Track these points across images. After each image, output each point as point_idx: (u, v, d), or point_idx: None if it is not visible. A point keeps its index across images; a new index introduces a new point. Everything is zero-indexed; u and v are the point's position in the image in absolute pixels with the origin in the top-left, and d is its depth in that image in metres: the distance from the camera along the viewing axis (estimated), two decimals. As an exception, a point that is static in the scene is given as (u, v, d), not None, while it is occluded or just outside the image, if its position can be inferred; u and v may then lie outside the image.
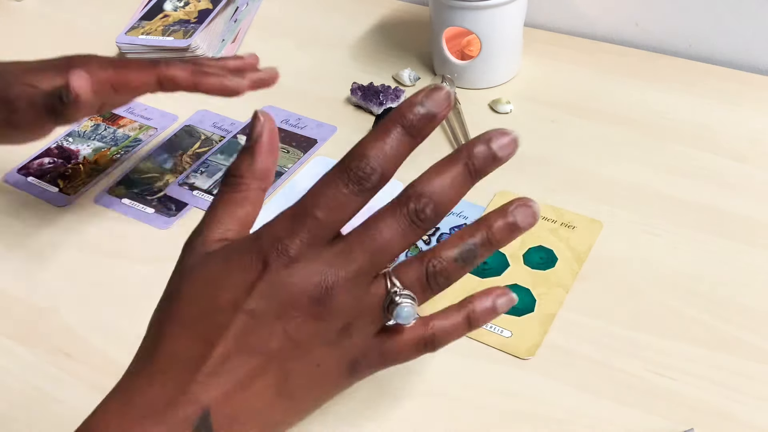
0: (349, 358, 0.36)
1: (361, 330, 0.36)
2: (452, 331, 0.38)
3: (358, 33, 0.83)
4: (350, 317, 0.35)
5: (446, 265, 0.36)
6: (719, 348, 0.49)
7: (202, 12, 0.82)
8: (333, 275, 0.34)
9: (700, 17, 0.73)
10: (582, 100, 0.71)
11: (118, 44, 0.80)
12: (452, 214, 0.60)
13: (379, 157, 0.34)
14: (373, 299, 0.35)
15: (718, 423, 0.45)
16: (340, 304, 0.34)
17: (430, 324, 0.38)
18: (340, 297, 0.34)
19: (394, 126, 0.34)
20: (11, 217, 0.65)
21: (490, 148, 0.34)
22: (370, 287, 0.35)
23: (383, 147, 0.34)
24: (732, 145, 0.64)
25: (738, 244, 0.56)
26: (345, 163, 0.35)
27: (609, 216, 0.59)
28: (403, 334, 0.37)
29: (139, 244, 0.61)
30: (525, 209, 0.36)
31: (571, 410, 0.47)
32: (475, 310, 0.38)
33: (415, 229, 0.35)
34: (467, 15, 0.68)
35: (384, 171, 0.35)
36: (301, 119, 0.72)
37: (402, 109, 0.34)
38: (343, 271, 0.34)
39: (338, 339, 0.35)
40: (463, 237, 0.36)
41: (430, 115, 0.34)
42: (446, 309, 0.39)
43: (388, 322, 0.37)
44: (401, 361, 0.38)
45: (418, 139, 0.35)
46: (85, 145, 0.72)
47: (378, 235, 0.35)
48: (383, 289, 0.35)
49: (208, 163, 0.68)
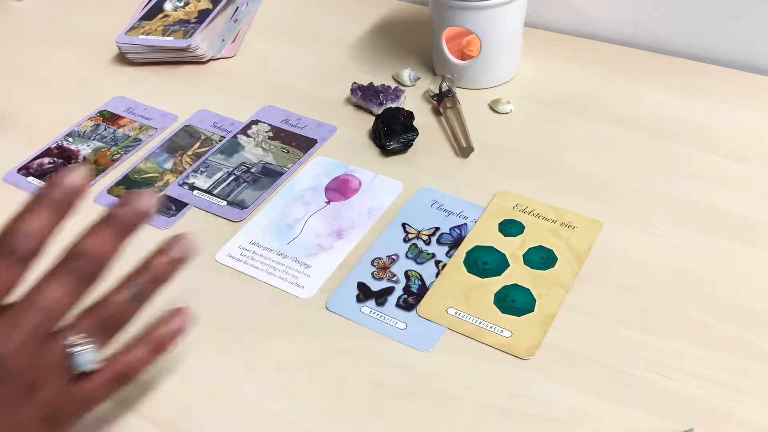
0: (43, 413, 0.39)
1: (49, 385, 0.39)
2: (142, 362, 0.43)
3: (358, 33, 0.83)
4: (32, 377, 0.38)
5: (120, 308, 0.41)
6: (719, 348, 0.49)
7: (202, 12, 0.83)
8: (1, 344, 0.37)
9: (700, 17, 0.73)
10: (582, 100, 0.71)
11: (118, 44, 0.80)
12: (452, 214, 0.60)
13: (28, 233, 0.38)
14: (52, 356, 0.39)
15: (718, 423, 0.46)
16: (16, 368, 0.37)
17: (118, 361, 0.42)
18: (14, 362, 0.37)
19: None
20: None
21: (130, 207, 0.41)
22: (45, 346, 0.39)
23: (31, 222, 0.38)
24: (732, 145, 0.64)
25: (738, 244, 0.56)
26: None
27: (609, 216, 0.59)
28: (94, 377, 0.41)
29: (139, 244, 0.61)
30: (182, 243, 0.43)
31: (571, 410, 0.47)
32: (159, 337, 0.43)
33: (82, 284, 0.39)
34: (467, 15, 0.68)
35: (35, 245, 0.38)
36: (301, 119, 0.72)
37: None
38: (10, 338, 0.37)
39: (25, 399, 0.38)
40: (131, 279, 0.42)
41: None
42: (130, 344, 0.43)
43: (78, 371, 0.40)
44: (101, 400, 0.42)
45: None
46: (85, 145, 0.72)
47: (45, 297, 0.38)
48: (60, 344, 0.39)
49: (208, 163, 0.68)
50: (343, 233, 0.60)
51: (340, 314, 0.54)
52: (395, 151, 0.66)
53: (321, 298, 0.55)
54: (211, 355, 0.52)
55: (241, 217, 0.62)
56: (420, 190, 0.63)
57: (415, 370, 0.50)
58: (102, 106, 0.76)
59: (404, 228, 0.60)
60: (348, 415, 0.48)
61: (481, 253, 0.57)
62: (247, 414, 0.48)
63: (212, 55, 0.81)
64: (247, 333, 0.53)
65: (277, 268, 0.58)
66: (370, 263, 0.57)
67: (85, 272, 0.39)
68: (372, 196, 0.63)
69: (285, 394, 0.49)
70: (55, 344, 0.39)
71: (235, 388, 0.50)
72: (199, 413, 0.49)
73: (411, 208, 0.61)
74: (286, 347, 0.52)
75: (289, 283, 0.56)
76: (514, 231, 0.58)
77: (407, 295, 0.55)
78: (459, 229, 0.59)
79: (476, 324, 0.52)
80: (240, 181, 0.66)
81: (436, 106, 0.71)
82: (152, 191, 0.43)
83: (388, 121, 0.66)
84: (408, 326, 0.52)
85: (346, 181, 0.65)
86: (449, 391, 0.49)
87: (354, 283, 0.56)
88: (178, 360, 0.52)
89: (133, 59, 0.81)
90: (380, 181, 0.64)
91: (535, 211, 0.59)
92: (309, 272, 0.57)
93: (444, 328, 0.52)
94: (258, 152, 0.68)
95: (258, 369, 0.51)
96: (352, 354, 0.51)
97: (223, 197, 0.64)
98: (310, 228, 0.61)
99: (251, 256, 0.59)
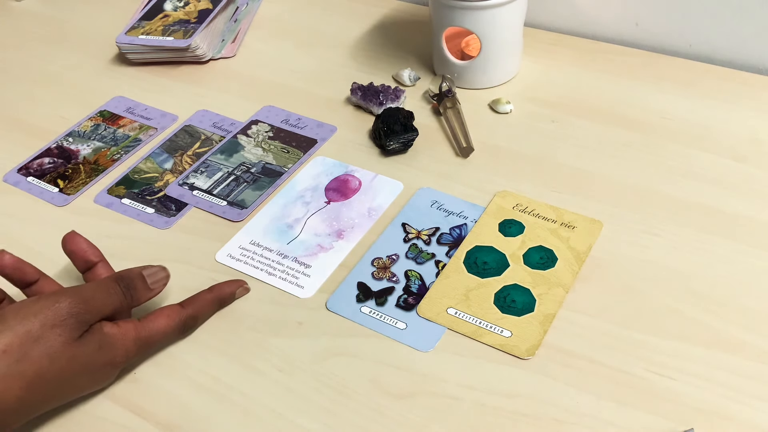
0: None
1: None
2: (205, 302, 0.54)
3: (358, 33, 0.83)
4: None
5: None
6: (719, 348, 0.49)
7: (202, 12, 0.83)
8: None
9: (700, 17, 0.73)
10: (582, 100, 0.71)
11: (118, 44, 0.80)
12: (452, 214, 0.60)
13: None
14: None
15: (718, 423, 0.46)
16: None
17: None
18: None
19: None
20: (11, 217, 0.65)
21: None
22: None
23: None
24: (732, 145, 0.64)
25: (738, 244, 0.56)
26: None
27: (609, 216, 0.59)
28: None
29: (139, 244, 0.61)
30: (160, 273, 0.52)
31: (571, 410, 0.47)
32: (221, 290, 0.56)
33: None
34: (467, 15, 0.68)
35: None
36: (301, 119, 0.72)
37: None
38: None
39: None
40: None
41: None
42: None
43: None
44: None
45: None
46: (85, 145, 0.72)
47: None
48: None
49: (208, 163, 0.68)
50: (343, 233, 0.60)
51: (340, 314, 0.54)
52: (395, 151, 0.66)
53: (321, 298, 0.55)
54: (211, 355, 0.52)
55: (241, 217, 0.62)
56: (420, 190, 0.63)
57: (415, 370, 0.50)
58: (102, 106, 0.76)
59: (404, 228, 0.60)
60: (348, 415, 0.48)
61: (481, 253, 0.57)
62: (247, 414, 0.48)
63: (212, 55, 0.81)
64: (247, 333, 0.53)
65: (277, 268, 0.58)
66: (370, 263, 0.57)
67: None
68: (372, 196, 0.63)
69: (285, 394, 0.49)
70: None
71: (235, 388, 0.50)
72: (199, 413, 0.49)
73: (411, 208, 0.61)
74: (286, 347, 0.52)
75: (289, 283, 0.56)
76: (514, 231, 0.58)
77: (407, 295, 0.55)
78: (459, 229, 0.59)
79: (476, 324, 0.52)
80: (240, 181, 0.66)
81: (436, 106, 0.71)
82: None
83: (388, 121, 0.66)
84: (408, 326, 0.52)
85: (346, 181, 0.65)
86: (449, 391, 0.49)
87: (354, 283, 0.56)
88: (179, 360, 0.52)
89: (133, 59, 0.81)
90: (380, 181, 0.64)
91: (535, 211, 0.59)
92: (309, 272, 0.57)
93: (444, 328, 0.52)
94: (258, 152, 0.68)
95: (258, 369, 0.51)
96: (352, 354, 0.51)
97: (223, 197, 0.64)
98: (310, 228, 0.61)
99: (251, 256, 0.59)
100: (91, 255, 0.53)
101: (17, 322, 0.44)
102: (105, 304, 0.48)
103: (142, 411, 0.49)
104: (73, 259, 0.53)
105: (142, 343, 0.49)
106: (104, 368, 0.48)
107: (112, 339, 0.47)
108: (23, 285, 0.52)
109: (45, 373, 0.44)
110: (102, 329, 0.47)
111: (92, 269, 0.53)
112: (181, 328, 0.52)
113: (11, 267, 0.51)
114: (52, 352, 0.44)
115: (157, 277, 0.51)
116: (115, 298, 0.49)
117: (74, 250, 0.53)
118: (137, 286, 0.50)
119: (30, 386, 0.44)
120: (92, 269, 0.53)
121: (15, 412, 0.44)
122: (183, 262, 0.58)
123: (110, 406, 0.49)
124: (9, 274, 0.51)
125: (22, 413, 0.45)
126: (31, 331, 0.44)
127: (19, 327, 0.44)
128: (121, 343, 0.48)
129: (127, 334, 0.48)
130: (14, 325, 0.44)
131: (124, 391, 0.50)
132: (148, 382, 0.51)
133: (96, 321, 0.47)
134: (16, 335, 0.44)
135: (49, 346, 0.44)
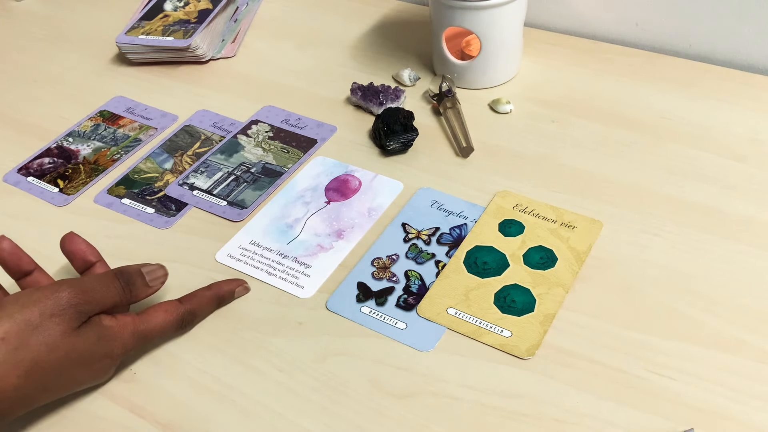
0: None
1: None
2: (204, 300, 0.55)
3: (358, 33, 0.83)
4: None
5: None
6: (719, 348, 0.49)
7: (202, 12, 0.83)
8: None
9: (700, 17, 0.73)
10: (582, 100, 0.71)
11: (118, 44, 0.80)
12: (452, 214, 0.60)
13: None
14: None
15: (718, 423, 0.46)
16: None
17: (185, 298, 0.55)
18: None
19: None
20: (11, 217, 0.65)
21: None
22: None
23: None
24: (732, 145, 0.64)
25: (738, 244, 0.56)
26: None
27: (609, 216, 0.59)
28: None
29: (139, 244, 0.61)
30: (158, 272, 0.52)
31: (571, 410, 0.47)
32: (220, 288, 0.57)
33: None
34: (467, 15, 0.68)
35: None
36: (301, 119, 0.72)
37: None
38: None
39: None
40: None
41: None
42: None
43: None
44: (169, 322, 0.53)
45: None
46: (85, 145, 0.72)
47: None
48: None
49: (208, 163, 0.68)
50: (343, 233, 0.60)
51: (340, 314, 0.54)
52: (395, 151, 0.66)
53: (321, 298, 0.55)
54: (211, 355, 0.52)
55: (241, 217, 0.62)
56: (420, 190, 0.63)
57: (415, 370, 0.50)
58: (102, 106, 0.76)
59: (404, 228, 0.60)
60: (348, 415, 0.48)
61: (481, 253, 0.57)
62: (247, 414, 0.48)
63: (212, 55, 0.81)
64: (247, 333, 0.53)
65: (277, 268, 0.58)
66: (370, 263, 0.57)
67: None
68: (372, 196, 0.63)
69: (285, 394, 0.49)
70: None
71: (235, 387, 0.50)
72: (199, 413, 0.49)
73: (411, 208, 0.61)
74: (286, 347, 0.52)
75: (289, 283, 0.56)
76: (514, 231, 0.58)
77: (407, 295, 0.55)
78: (459, 229, 0.59)
79: (476, 324, 0.52)
80: (240, 181, 0.66)
81: (436, 106, 0.71)
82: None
83: (388, 121, 0.66)
84: (408, 326, 0.52)
85: (346, 181, 0.65)
86: (449, 391, 0.49)
87: (354, 283, 0.56)
88: (178, 359, 0.52)
89: (133, 59, 0.81)
90: (380, 181, 0.64)
91: (535, 211, 0.59)
92: (309, 272, 0.57)
93: (444, 328, 0.52)
94: (258, 152, 0.68)
95: (258, 369, 0.51)
96: (352, 354, 0.51)
97: (223, 197, 0.64)
98: (310, 228, 0.61)
99: (251, 256, 0.59)
100: (89, 255, 0.53)
101: (16, 311, 0.44)
102: (104, 297, 0.48)
103: (141, 410, 0.49)
104: (72, 259, 0.53)
105: (140, 336, 0.49)
106: (102, 360, 0.48)
107: (111, 331, 0.47)
108: (19, 274, 0.52)
109: (42, 361, 0.44)
110: (101, 321, 0.47)
111: (90, 269, 0.53)
112: (179, 323, 0.52)
113: (9, 252, 0.51)
114: (50, 341, 0.44)
115: (156, 275, 0.51)
116: (115, 293, 0.49)
117: (73, 251, 0.53)
118: (136, 282, 0.50)
119: (27, 374, 0.44)
120: (90, 269, 0.53)
121: (12, 400, 0.44)
122: (183, 262, 0.58)
123: (110, 406, 0.49)
124: (6, 259, 0.51)
125: (20, 402, 0.45)
126: (30, 319, 0.44)
127: (19, 315, 0.44)
128: (119, 336, 0.48)
129: (126, 327, 0.48)
130: (13, 313, 0.44)
131: (123, 390, 0.50)
132: (148, 381, 0.51)
133: (95, 313, 0.47)
134: (15, 323, 0.44)
135: (48, 335, 0.44)
